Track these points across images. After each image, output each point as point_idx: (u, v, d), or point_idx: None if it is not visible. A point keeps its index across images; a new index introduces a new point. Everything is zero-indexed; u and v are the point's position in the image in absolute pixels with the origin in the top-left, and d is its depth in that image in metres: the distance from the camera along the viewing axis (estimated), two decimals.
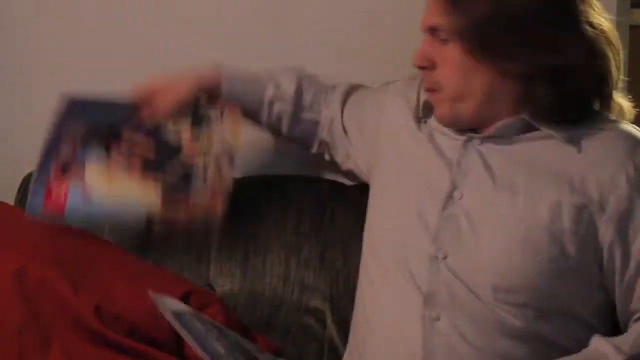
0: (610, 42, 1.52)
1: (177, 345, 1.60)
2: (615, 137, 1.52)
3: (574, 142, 1.51)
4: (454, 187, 1.55)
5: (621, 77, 1.56)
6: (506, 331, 1.48)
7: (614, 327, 1.53)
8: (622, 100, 1.57)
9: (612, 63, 1.52)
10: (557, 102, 1.50)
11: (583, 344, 1.49)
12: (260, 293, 1.81)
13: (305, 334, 1.77)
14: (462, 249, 1.51)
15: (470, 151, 1.56)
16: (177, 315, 1.43)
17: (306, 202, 1.82)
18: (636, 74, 1.97)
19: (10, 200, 1.91)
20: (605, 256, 1.49)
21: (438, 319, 1.50)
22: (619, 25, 1.58)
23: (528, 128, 1.53)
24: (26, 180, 1.91)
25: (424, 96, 1.63)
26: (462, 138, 1.57)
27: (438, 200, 1.55)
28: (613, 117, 1.56)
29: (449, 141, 1.59)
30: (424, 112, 1.63)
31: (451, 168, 1.56)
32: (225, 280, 1.83)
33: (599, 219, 1.48)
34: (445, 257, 1.52)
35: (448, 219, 1.53)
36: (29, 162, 1.93)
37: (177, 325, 1.41)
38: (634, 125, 1.57)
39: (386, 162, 1.67)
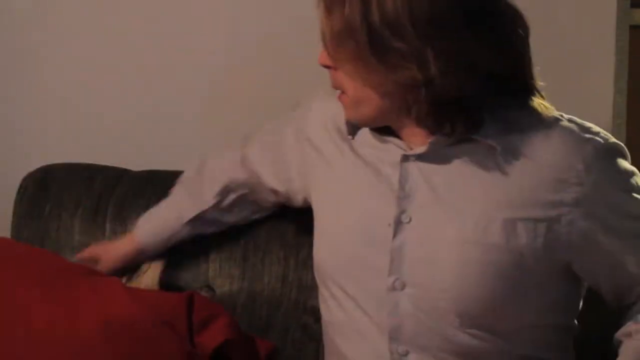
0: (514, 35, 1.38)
1: (189, 336, 1.63)
2: (556, 139, 1.40)
3: (514, 150, 1.40)
4: (401, 210, 1.45)
5: (535, 72, 1.42)
6: (477, 354, 1.44)
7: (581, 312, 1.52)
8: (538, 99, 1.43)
9: (517, 58, 1.39)
10: (442, 110, 1.38)
11: (556, 346, 1.49)
12: (259, 293, 1.80)
13: (304, 333, 1.76)
14: (418, 277, 1.43)
15: (411, 171, 1.45)
16: None
17: None
18: (636, 74, 1.98)
19: (10, 200, 1.92)
20: (576, 257, 1.43)
21: (406, 354, 1.46)
22: (619, 25, 1.55)
23: (462, 139, 1.42)
24: (26, 180, 1.91)
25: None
26: (397, 155, 1.46)
27: (385, 226, 1.45)
28: (543, 113, 1.42)
29: (385, 157, 1.48)
30: (352, 128, 1.51)
31: (394, 190, 1.46)
32: (224, 281, 1.83)
33: (558, 226, 1.40)
34: (403, 288, 1.44)
35: (400, 246, 1.44)
36: (29, 162, 1.94)
37: None
38: (570, 117, 1.45)
39: (322, 190, 1.58)
